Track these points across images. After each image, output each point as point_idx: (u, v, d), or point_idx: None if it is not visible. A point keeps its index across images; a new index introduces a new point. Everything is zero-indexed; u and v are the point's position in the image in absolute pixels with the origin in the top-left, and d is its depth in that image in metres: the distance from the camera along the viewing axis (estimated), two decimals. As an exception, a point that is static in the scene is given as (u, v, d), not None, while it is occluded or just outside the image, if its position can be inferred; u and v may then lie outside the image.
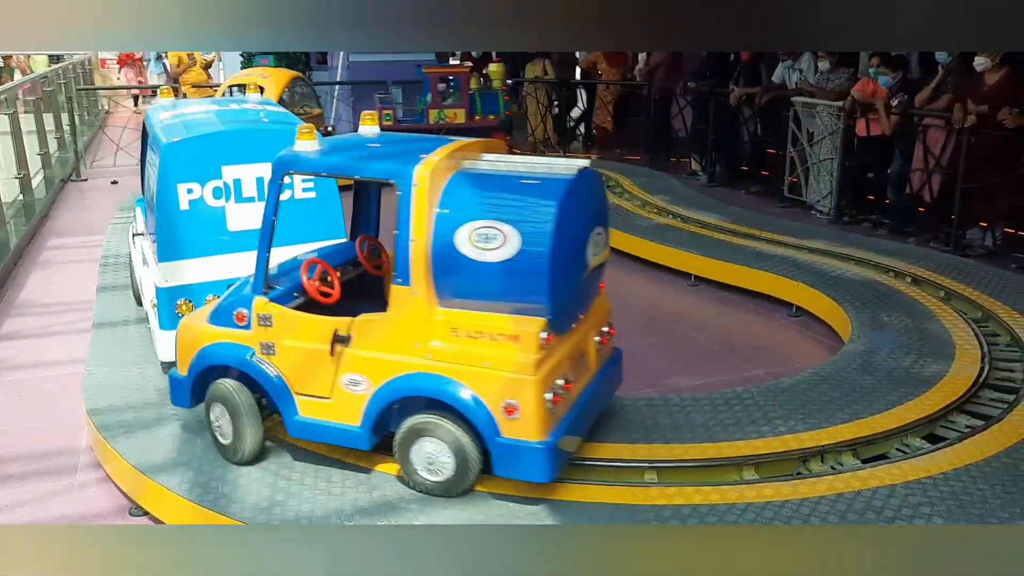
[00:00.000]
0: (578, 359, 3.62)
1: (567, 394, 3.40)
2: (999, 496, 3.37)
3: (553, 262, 3.22)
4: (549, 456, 3.26)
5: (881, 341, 5.02)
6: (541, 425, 3.24)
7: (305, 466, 3.67)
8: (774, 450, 3.78)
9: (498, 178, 3.42)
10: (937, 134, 7.64)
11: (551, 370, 3.31)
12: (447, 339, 3.36)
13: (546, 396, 3.25)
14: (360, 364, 3.46)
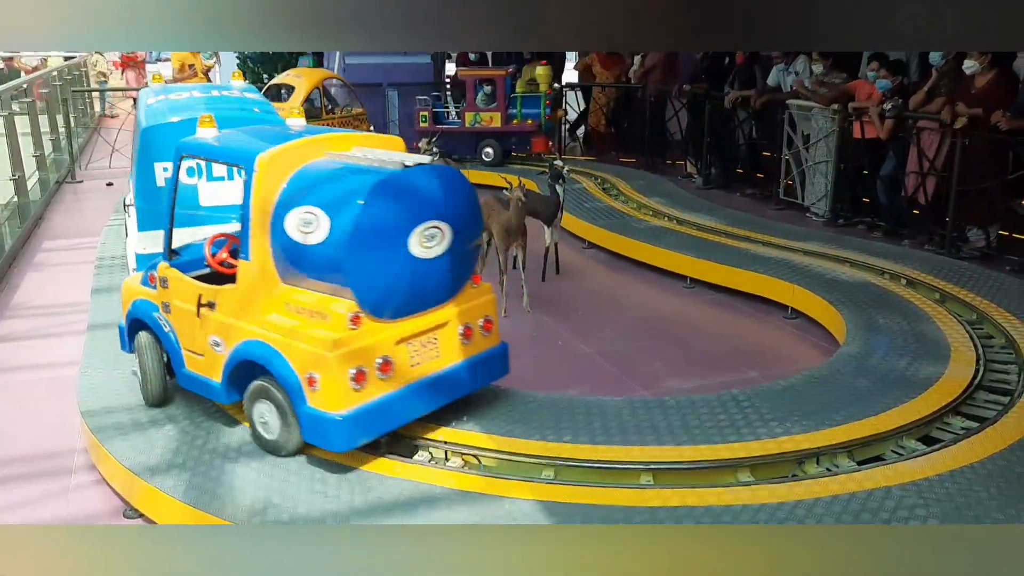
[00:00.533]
0: (421, 345, 3.88)
1: (386, 375, 3.68)
2: (994, 498, 3.38)
3: (353, 248, 3.54)
4: (343, 428, 3.53)
5: (876, 343, 5.03)
6: (337, 398, 3.52)
7: (300, 468, 3.66)
8: (769, 452, 3.78)
9: (333, 170, 3.79)
10: (931, 137, 7.66)
11: (358, 349, 3.59)
12: (282, 312, 3.75)
13: (349, 372, 3.53)
14: (219, 328, 3.89)
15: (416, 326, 3.87)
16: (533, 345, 5.94)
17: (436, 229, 3.82)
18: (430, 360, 3.92)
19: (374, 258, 3.62)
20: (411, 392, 3.80)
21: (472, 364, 4.11)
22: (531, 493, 3.46)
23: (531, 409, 4.22)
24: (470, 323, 4.11)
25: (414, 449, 3.93)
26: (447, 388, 4.01)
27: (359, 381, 3.58)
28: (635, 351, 5.81)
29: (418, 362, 3.86)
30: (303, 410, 3.58)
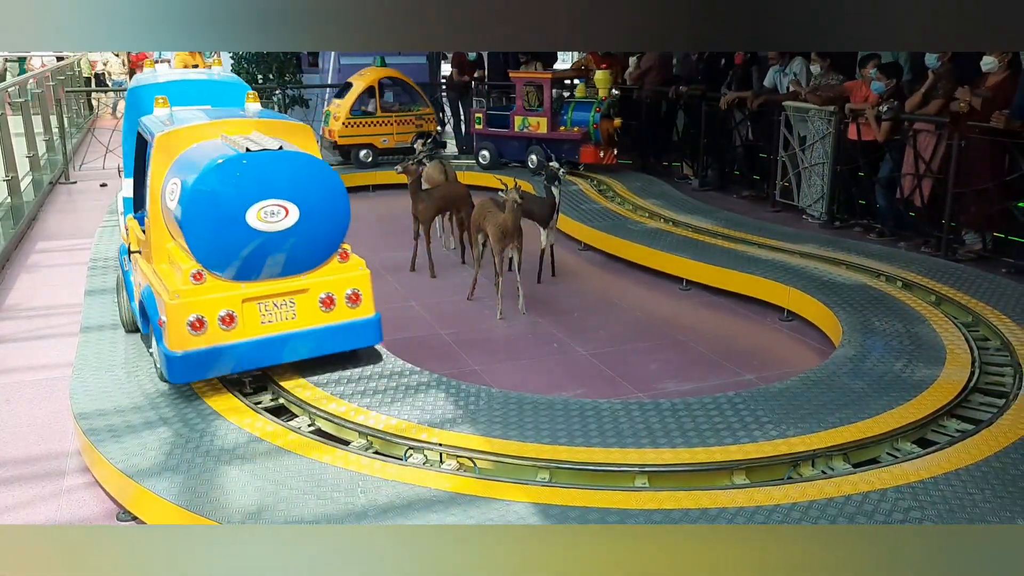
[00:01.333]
0: (274, 306, 4.52)
1: (229, 327, 4.35)
2: (989, 500, 3.37)
3: (190, 215, 4.23)
4: (177, 365, 4.27)
5: (872, 345, 5.02)
6: (177, 340, 4.26)
7: (294, 470, 3.64)
8: (765, 454, 3.77)
9: (206, 150, 4.41)
10: (927, 139, 7.67)
11: (197, 302, 4.27)
12: (164, 263, 4.55)
13: (188, 319, 4.24)
14: (140, 272, 4.79)
15: (268, 289, 4.48)
16: (529, 347, 5.93)
17: (279, 207, 4.36)
18: (285, 320, 4.54)
19: (208, 226, 4.25)
20: (259, 344, 4.44)
21: (333, 329, 4.66)
22: (526, 496, 3.45)
23: (526, 411, 4.20)
24: (332, 293, 4.65)
25: (409, 452, 3.91)
26: (300, 346, 4.58)
27: (196, 328, 4.26)
28: (631, 353, 5.80)
29: (270, 320, 4.50)
30: (159, 346, 4.34)
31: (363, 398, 4.37)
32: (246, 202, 4.26)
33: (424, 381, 4.61)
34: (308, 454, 3.76)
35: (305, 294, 4.59)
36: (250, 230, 4.30)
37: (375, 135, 11.78)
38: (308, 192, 4.43)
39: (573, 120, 10.58)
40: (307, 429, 4.14)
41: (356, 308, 4.73)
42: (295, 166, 4.41)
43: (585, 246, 8.32)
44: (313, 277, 4.61)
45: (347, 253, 4.78)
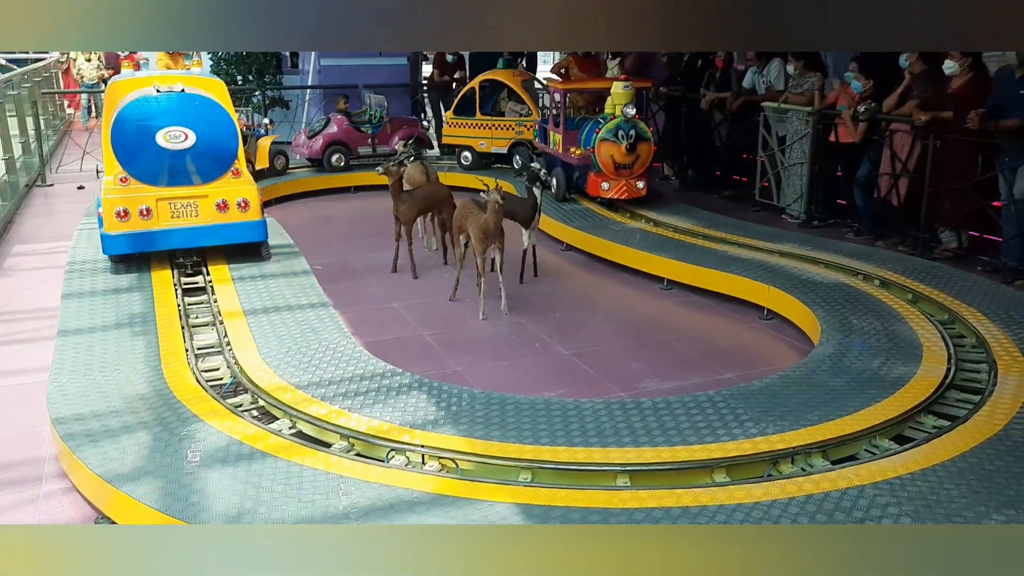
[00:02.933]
0: (181, 206, 6.51)
1: (146, 218, 6.40)
2: (965, 495, 3.41)
3: (116, 136, 6.38)
4: (108, 241, 6.40)
5: (850, 343, 5.07)
6: (109, 225, 6.35)
7: (275, 473, 3.62)
8: (745, 452, 3.80)
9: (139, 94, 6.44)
10: (904, 139, 7.75)
11: (123, 198, 6.35)
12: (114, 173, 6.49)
13: (116, 210, 6.31)
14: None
15: (177, 193, 6.49)
16: (511, 347, 5.94)
17: (180, 132, 6.39)
18: (190, 217, 6.52)
19: (128, 144, 6.37)
20: (169, 232, 6.47)
21: (226, 227, 6.61)
22: (508, 496, 3.46)
23: (508, 412, 4.21)
24: (227, 199, 6.57)
25: (391, 454, 3.90)
26: (201, 237, 6.55)
27: (122, 217, 6.30)
28: (613, 352, 5.82)
29: (178, 216, 6.47)
30: (99, 229, 6.43)
31: (344, 400, 4.36)
32: (155, 127, 6.34)
33: (406, 382, 4.61)
34: (289, 457, 3.75)
35: (205, 199, 6.53)
36: (159, 147, 6.36)
37: (475, 137, 11.39)
38: (202, 122, 6.46)
39: (584, 140, 9.01)
40: (288, 432, 4.13)
41: (246, 212, 6.65)
42: (192, 104, 6.46)
43: (567, 246, 8.34)
44: (212, 187, 6.54)
45: (239, 171, 6.67)
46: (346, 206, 11.08)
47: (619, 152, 8.44)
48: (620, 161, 8.51)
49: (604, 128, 8.49)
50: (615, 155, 8.50)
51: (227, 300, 5.98)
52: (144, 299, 5.99)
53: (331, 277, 7.18)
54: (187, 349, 5.11)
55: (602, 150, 8.53)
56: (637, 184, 8.66)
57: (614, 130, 8.45)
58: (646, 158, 8.61)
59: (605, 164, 8.56)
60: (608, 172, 8.59)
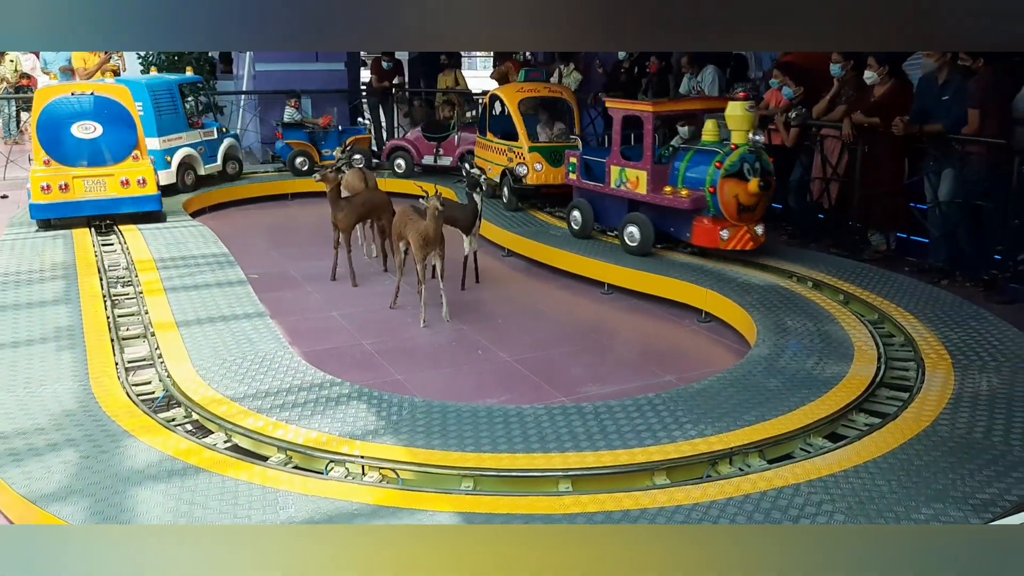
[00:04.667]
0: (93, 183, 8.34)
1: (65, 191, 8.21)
2: (895, 491, 3.50)
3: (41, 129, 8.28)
4: (35, 209, 8.19)
5: (785, 344, 5.17)
6: (36, 197, 8.15)
7: (209, 489, 3.53)
8: (684, 454, 3.84)
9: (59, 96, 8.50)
10: (833, 144, 7.96)
11: (47, 176, 8.16)
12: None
13: (40, 185, 8.08)
14: None
15: (89, 172, 8.34)
16: (453, 354, 5.91)
17: (90, 125, 8.38)
18: (99, 191, 8.33)
19: (50, 135, 8.28)
20: (83, 203, 8.29)
21: (129, 199, 8.45)
22: (450, 505, 3.43)
23: (450, 420, 4.18)
24: (128, 178, 8.40)
25: (330, 466, 3.84)
26: (107, 206, 8.38)
27: (46, 191, 8.09)
28: (554, 358, 5.83)
29: (91, 190, 8.30)
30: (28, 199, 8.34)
31: (282, 412, 4.28)
32: (70, 121, 8.33)
33: (345, 392, 4.54)
34: (224, 472, 3.66)
35: (111, 176, 8.37)
36: (73, 137, 8.33)
37: (485, 160, 9.79)
38: (107, 118, 8.44)
39: (686, 178, 7.02)
40: (223, 446, 4.03)
41: (144, 188, 8.49)
42: (100, 104, 8.48)
43: (508, 252, 8.34)
44: (117, 167, 8.41)
45: (139, 156, 8.58)
46: (283, 214, 10.91)
47: (745, 191, 6.60)
48: (746, 202, 6.65)
49: (728, 161, 6.61)
50: (740, 195, 6.63)
51: (159, 311, 5.82)
52: (71, 312, 5.80)
53: (268, 286, 7.05)
54: (116, 363, 4.96)
55: (725, 188, 6.62)
56: (758, 230, 6.87)
57: (738, 163, 6.61)
58: (769, 197, 6.97)
59: (728, 206, 6.68)
60: (730, 216, 6.71)
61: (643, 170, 7.21)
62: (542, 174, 8.98)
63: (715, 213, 6.75)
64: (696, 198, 6.83)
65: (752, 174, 6.59)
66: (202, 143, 10.80)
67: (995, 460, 3.71)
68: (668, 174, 7.16)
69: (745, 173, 6.57)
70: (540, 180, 8.99)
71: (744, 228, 6.79)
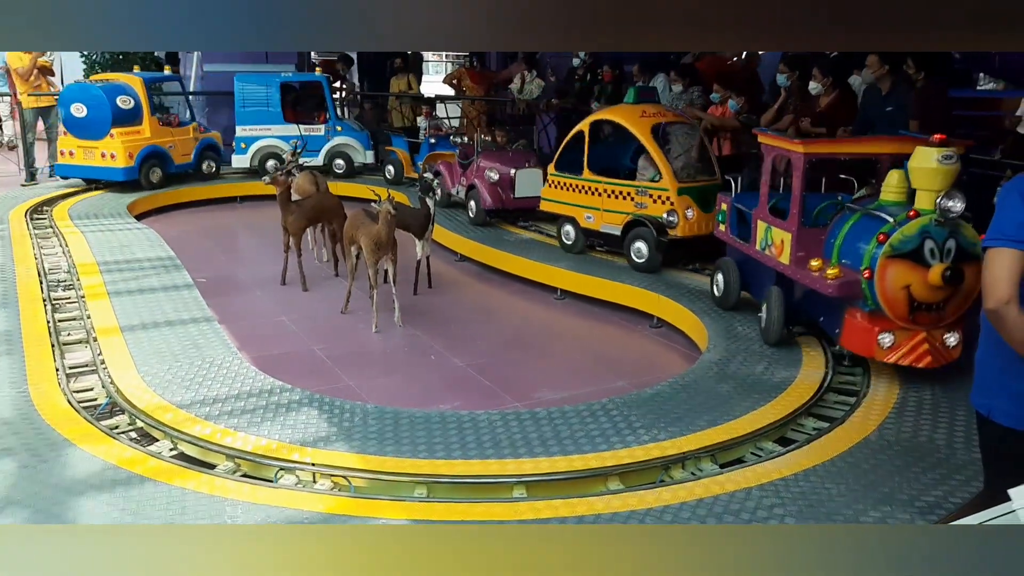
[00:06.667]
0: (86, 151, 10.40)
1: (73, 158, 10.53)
2: (844, 494, 3.57)
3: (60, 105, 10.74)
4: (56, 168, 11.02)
5: (735, 350, 5.24)
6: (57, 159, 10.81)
7: (153, 499, 3.43)
8: (638, 459, 3.86)
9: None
10: (782, 153, 8.10)
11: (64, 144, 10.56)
12: None
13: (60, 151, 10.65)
14: None
15: (83, 143, 10.31)
16: (405, 360, 5.86)
17: (80, 106, 10.19)
18: (90, 160, 10.35)
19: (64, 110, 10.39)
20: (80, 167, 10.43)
21: (107, 168, 10.29)
22: (403, 513, 3.39)
23: (403, 426, 4.14)
24: (105, 151, 10.27)
25: (280, 473, 3.77)
26: (93, 172, 10.40)
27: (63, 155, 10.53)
28: (508, 363, 5.83)
29: (89, 158, 10.33)
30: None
31: (230, 419, 4.19)
32: (68, 103, 10.30)
33: (296, 399, 4.46)
34: (170, 480, 3.56)
35: (95, 149, 10.30)
36: (71, 115, 10.27)
37: (579, 206, 7.66)
38: (89, 101, 10.22)
39: (842, 250, 4.85)
40: (169, 454, 3.92)
41: (115, 160, 10.27)
42: (84, 91, 10.35)
43: (461, 257, 8.32)
44: (99, 142, 10.26)
45: (115, 135, 10.23)
46: (231, 217, 10.73)
47: (923, 281, 4.45)
48: (923, 297, 4.51)
49: (898, 234, 4.47)
50: (915, 285, 4.48)
51: (102, 316, 5.65)
52: (8, 316, 5.60)
53: (216, 291, 6.91)
54: (57, 369, 4.80)
55: (890, 274, 4.51)
56: (949, 339, 4.65)
57: (917, 239, 4.45)
58: (970, 293, 4.51)
59: (892, 300, 4.54)
60: (896, 316, 4.58)
61: (788, 232, 5.23)
62: (694, 222, 7.01)
63: (874, 308, 4.62)
64: (845, 282, 4.67)
65: (937, 257, 4.42)
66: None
67: (939, 463, 3.80)
68: (823, 241, 5.04)
69: (926, 255, 4.43)
70: (692, 231, 7.02)
71: (922, 335, 4.59)
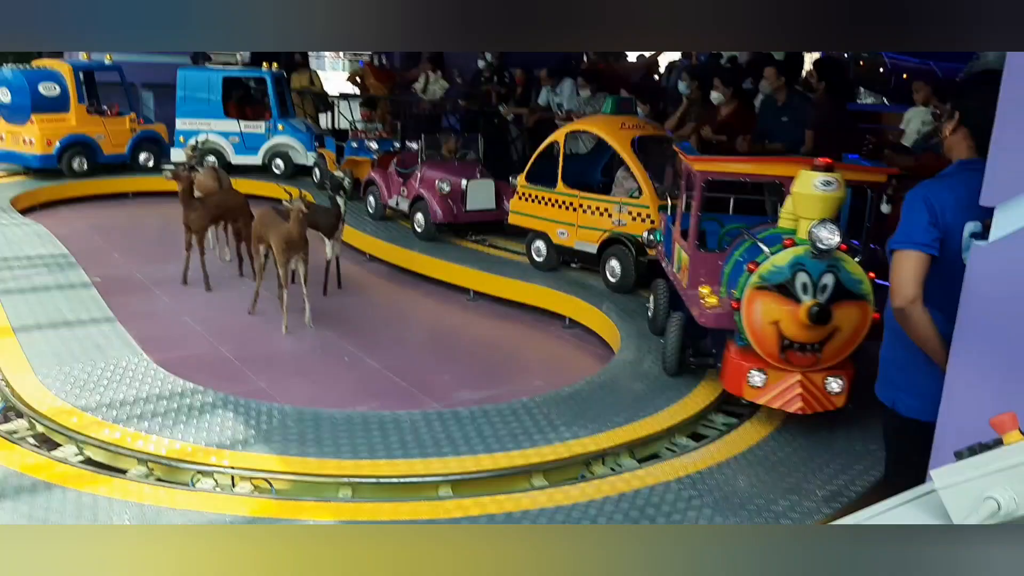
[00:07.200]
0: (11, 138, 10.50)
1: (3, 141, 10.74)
2: (755, 485, 3.75)
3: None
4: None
5: (648, 349, 5.39)
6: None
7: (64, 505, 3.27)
8: (561, 456, 3.94)
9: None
10: (684, 160, 8.39)
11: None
12: None
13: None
14: None
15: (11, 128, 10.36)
16: (318, 361, 5.77)
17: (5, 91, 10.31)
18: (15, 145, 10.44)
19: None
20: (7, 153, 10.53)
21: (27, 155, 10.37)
22: (330, 514, 3.35)
23: (324, 428, 4.08)
24: (24, 137, 10.31)
25: (196, 477, 3.65)
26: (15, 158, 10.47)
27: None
28: (423, 364, 5.81)
29: (15, 143, 10.44)
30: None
31: (141, 422, 4.03)
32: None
33: (209, 401, 4.33)
34: (80, 486, 3.40)
35: (19, 134, 10.31)
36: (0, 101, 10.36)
37: (551, 221, 7.08)
38: (11, 86, 10.27)
39: (730, 278, 4.47)
40: (76, 459, 3.74)
41: (32, 147, 10.31)
42: (8, 76, 10.27)
43: (371, 257, 8.23)
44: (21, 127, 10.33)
45: (34, 121, 10.18)
46: (124, 213, 10.27)
47: (793, 317, 3.97)
48: (793, 335, 4.03)
49: (767, 264, 4.03)
50: (784, 322, 4.01)
51: (-9, 316, 5.33)
52: None
53: (113, 290, 6.59)
54: (-56, 372, 4.50)
55: (758, 307, 4.07)
56: (830, 385, 4.16)
57: (788, 271, 3.97)
58: (853, 334, 4.06)
59: (761, 336, 4.11)
60: (766, 352, 4.13)
61: (687, 252, 4.93)
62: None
63: (742, 341, 4.26)
64: (722, 313, 4.38)
65: (810, 292, 3.92)
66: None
67: (840, 454, 4.04)
68: (719, 266, 4.66)
69: (797, 289, 3.93)
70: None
71: (796, 377, 4.13)
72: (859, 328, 4.03)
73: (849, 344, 4.09)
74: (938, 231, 2.64)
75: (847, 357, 4.15)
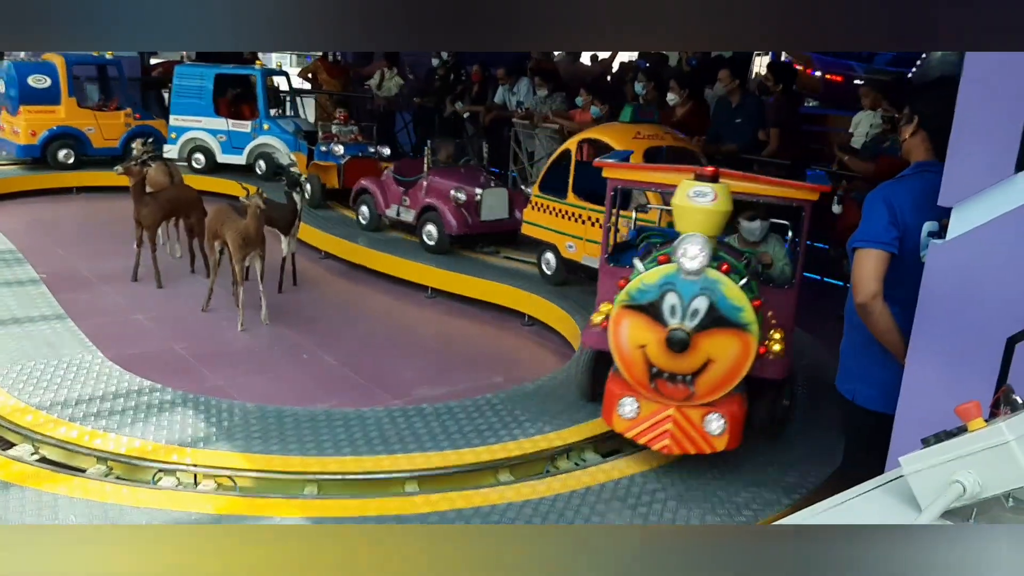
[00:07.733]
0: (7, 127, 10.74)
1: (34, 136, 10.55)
2: (717, 478, 3.83)
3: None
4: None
5: (607, 345, 5.45)
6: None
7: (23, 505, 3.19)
8: (526, 451, 3.97)
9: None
10: (639, 159, 8.50)
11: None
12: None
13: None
14: None
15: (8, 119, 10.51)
16: (275, 358, 5.70)
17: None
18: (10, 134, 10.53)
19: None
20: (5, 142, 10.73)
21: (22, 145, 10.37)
22: (297, 511, 3.33)
23: (287, 424, 4.05)
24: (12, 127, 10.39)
25: (158, 475, 3.59)
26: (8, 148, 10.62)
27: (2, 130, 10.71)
28: (383, 361, 5.79)
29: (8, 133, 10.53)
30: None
31: (98, 420, 3.95)
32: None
33: (168, 399, 4.26)
34: (38, 485, 3.32)
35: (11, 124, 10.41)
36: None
37: (561, 233, 6.66)
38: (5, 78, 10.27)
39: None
40: (31, 458, 3.65)
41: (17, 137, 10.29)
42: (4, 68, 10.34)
43: (326, 254, 8.15)
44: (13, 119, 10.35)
45: (21, 112, 10.26)
46: (70, 208, 9.99)
47: (658, 343, 3.59)
48: (659, 363, 3.65)
49: (636, 281, 3.68)
50: (650, 346, 3.64)
51: (-66, 312, 5.16)
52: None
53: (60, 287, 6.41)
54: None
55: (625, 327, 3.73)
56: (709, 424, 3.70)
57: (656, 290, 3.61)
58: (732, 368, 3.60)
59: (629, 360, 3.75)
60: (635, 378, 3.76)
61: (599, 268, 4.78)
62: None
63: (613, 367, 3.91)
64: (600, 333, 4.11)
65: (678, 316, 3.53)
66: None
67: (801, 445, 4.15)
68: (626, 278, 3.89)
69: (664, 311, 3.56)
70: None
71: (668, 411, 3.71)
72: (739, 361, 3.54)
73: (728, 379, 3.58)
74: (897, 230, 2.74)
75: (737, 394, 3.67)
